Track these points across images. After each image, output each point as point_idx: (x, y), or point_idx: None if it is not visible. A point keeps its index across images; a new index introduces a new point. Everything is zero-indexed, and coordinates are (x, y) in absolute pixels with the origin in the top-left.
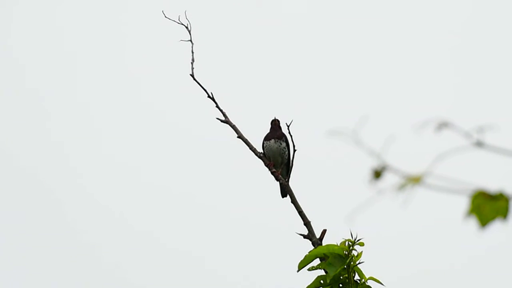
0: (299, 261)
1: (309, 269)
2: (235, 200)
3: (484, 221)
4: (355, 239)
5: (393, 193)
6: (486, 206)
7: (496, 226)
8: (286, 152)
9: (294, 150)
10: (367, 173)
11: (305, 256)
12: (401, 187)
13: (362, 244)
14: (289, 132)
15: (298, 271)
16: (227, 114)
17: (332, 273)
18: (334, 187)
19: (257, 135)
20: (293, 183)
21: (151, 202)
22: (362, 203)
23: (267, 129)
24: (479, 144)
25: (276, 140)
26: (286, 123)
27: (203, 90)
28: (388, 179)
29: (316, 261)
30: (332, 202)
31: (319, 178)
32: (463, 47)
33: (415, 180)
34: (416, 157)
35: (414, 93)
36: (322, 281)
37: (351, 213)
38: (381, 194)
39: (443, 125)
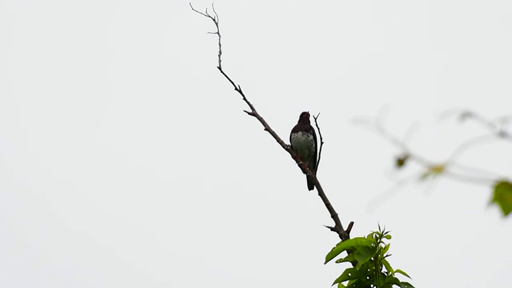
0: (327, 253)
1: (337, 261)
2: (262, 192)
3: (506, 210)
4: (382, 232)
5: (416, 183)
6: (509, 196)
7: None
8: (314, 145)
9: (322, 143)
10: (390, 161)
11: (333, 249)
12: (424, 176)
13: (389, 237)
14: (317, 125)
15: (325, 263)
16: (254, 106)
17: (362, 262)
18: (361, 179)
19: (284, 128)
20: (320, 175)
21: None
22: (384, 193)
23: (294, 121)
24: (503, 134)
25: (304, 132)
26: (313, 116)
27: (230, 83)
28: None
29: (344, 254)
30: (359, 195)
31: (346, 170)
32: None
33: (438, 169)
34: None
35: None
36: (349, 274)
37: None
38: (403, 184)
39: (466, 115)
